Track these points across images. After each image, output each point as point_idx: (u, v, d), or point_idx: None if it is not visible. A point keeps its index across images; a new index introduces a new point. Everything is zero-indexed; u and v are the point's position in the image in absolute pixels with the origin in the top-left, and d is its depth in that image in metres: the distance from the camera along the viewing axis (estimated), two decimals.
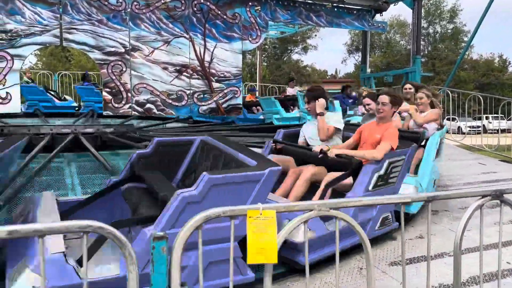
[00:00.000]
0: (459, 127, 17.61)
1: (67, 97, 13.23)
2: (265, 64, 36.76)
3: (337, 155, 3.78)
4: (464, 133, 10.91)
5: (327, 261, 3.35)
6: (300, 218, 1.30)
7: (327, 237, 3.19)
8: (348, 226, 1.39)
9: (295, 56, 40.22)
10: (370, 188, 3.55)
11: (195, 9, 9.16)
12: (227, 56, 9.50)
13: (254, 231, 1.19)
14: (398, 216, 3.73)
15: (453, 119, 13.61)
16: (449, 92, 10.62)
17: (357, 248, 3.69)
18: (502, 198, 1.66)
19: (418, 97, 5.40)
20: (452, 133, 13.15)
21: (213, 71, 9.43)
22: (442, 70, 35.23)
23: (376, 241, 3.93)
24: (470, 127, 15.49)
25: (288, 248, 3.04)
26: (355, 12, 10.98)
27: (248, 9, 9.67)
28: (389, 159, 3.67)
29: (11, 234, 0.99)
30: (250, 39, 9.73)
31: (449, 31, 39.95)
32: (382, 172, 3.65)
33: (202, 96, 9.38)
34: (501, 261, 1.84)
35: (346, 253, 3.61)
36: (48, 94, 12.15)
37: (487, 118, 18.03)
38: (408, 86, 6.32)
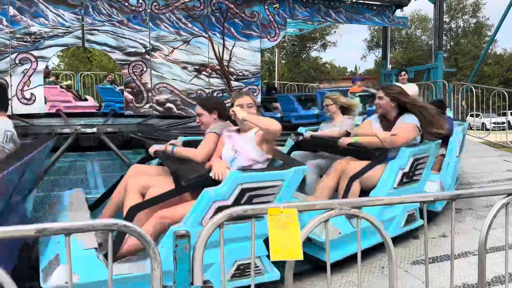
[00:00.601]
0: (483, 123, 17.24)
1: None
2: (284, 61, 36.65)
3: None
4: (488, 130, 10.64)
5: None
6: (321, 217, 1.30)
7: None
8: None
9: (313, 53, 39.99)
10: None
11: (214, 8, 9.21)
12: (245, 55, 9.53)
13: (276, 227, 1.20)
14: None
15: (477, 115, 13.33)
16: (473, 88, 10.39)
17: (381, 246, 3.66)
18: None
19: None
20: (476, 129, 12.88)
21: (232, 69, 9.47)
22: (465, 65, 34.49)
23: (398, 239, 3.88)
24: (494, 123, 15.15)
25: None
26: (375, 8, 10.84)
27: (266, 7, 9.66)
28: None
29: (40, 232, 1.03)
30: (268, 37, 9.73)
31: (471, 25, 39.05)
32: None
33: (221, 94, 9.42)
34: None
35: (369, 252, 3.58)
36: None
37: None
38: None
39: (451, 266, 1.72)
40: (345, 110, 4.59)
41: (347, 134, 4.12)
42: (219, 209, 2.35)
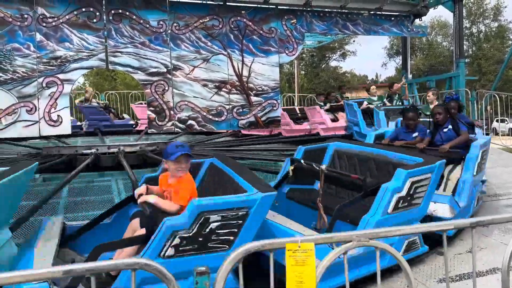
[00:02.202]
0: (510, 128, 16.80)
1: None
2: (303, 72, 36.69)
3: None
4: None
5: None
6: (339, 250, 1.32)
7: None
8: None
9: (333, 63, 39.92)
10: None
11: (232, 26, 9.37)
12: (264, 70, 9.63)
13: (293, 264, 1.23)
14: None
15: (504, 121, 13.02)
16: (497, 96, 10.19)
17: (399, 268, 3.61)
18: None
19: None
20: (503, 135, 12.57)
21: (251, 85, 9.57)
22: (489, 70, 33.79)
23: (423, 257, 3.82)
24: None
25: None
26: (393, 18, 10.80)
27: (284, 22, 9.77)
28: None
29: (67, 273, 1.09)
30: (286, 51, 9.82)
31: (493, 29, 38.31)
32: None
33: (241, 110, 9.52)
34: None
35: (391, 271, 3.53)
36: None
37: None
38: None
39: None
40: None
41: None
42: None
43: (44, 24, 8.13)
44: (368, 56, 61.66)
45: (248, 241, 2.51)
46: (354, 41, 36.38)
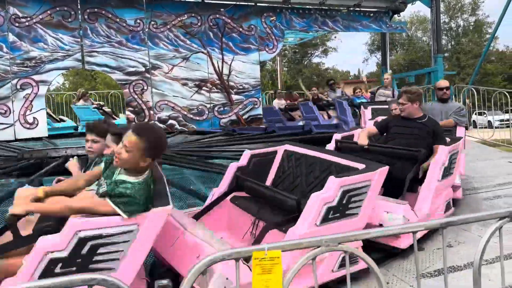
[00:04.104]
0: (489, 121, 17.09)
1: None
2: (286, 69, 36.73)
3: None
4: (496, 127, 10.50)
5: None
6: (308, 255, 1.29)
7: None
8: None
9: (315, 60, 40.06)
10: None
11: (211, 24, 9.29)
12: (245, 68, 9.58)
13: (259, 272, 1.19)
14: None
15: (482, 114, 13.23)
16: (474, 90, 10.35)
17: (382, 261, 3.64)
18: None
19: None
20: (483, 127, 12.76)
21: (232, 83, 9.52)
22: (468, 64, 34.36)
23: (403, 252, 3.84)
24: (500, 120, 15.02)
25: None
26: (371, 14, 10.86)
27: (263, 20, 9.73)
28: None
29: None
30: (267, 49, 9.79)
31: (471, 24, 38.95)
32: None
33: (222, 109, 9.46)
34: None
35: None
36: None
37: None
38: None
39: None
40: None
41: None
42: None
43: (17, 24, 7.93)
44: (350, 52, 62.00)
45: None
46: (335, 37, 36.57)
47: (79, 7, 8.33)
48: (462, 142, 4.60)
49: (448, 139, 4.60)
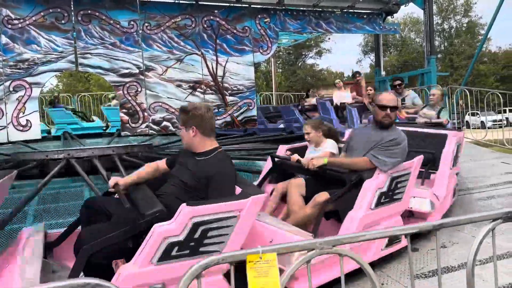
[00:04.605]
0: (482, 121, 17.20)
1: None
2: (280, 70, 36.79)
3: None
4: (489, 128, 10.57)
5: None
6: (303, 258, 1.29)
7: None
8: None
9: (309, 61, 40.15)
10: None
11: (205, 25, 9.28)
12: (239, 70, 9.58)
13: (255, 275, 1.19)
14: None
15: (476, 114, 13.31)
16: (467, 91, 10.41)
17: (378, 262, 3.64)
18: None
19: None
20: (476, 128, 12.85)
21: (226, 85, 9.51)
22: (461, 65, 34.60)
23: (397, 253, 3.85)
24: (493, 121, 15.12)
25: None
26: (365, 16, 10.91)
27: (257, 21, 9.74)
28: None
29: None
30: (261, 51, 9.80)
31: (464, 25, 39.22)
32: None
33: (216, 110, 9.45)
34: None
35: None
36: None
37: (510, 111, 17.57)
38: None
39: None
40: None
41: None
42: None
43: (10, 26, 7.88)
44: (344, 53, 62.24)
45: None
46: (329, 38, 36.70)
47: (72, 8, 8.30)
48: (417, 160, 3.70)
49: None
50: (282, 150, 4.32)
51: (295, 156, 3.85)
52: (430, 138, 4.83)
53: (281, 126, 10.62)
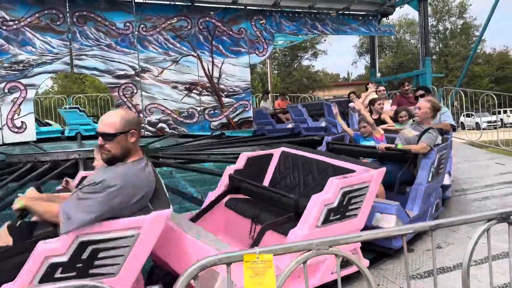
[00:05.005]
0: (476, 123, 17.29)
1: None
2: (276, 72, 36.82)
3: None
4: (484, 129, 10.62)
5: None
6: (300, 259, 1.30)
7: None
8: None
9: (305, 62, 40.21)
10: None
11: (201, 27, 9.29)
12: (235, 71, 9.59)
13: (251, 275, 1.20)
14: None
15: (470, 115, 13.38)
16: (462, 92, 10.47)
17: (374, 263, 3.65)
18: (509, 220, 1.63)
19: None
20: (471, 129, 12.91)
21: (222, 86, 9.52)
22: (455, 67, 34.74)
23: (394, 254, 3.86)
24: (488, 122, 15.21)
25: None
26: (360, 18, 10.95)
27: (253, 23, 9.76)
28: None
29: None
30: (257, 52, 9.81)
31: (459, 26, 39.42)
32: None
33: (212, 112, 9.45)
34: None
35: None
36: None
37: (505, 112, 17.68)
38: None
39: None
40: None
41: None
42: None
43: (5, 28, 7.85)
44: (339, 55, 62.43)
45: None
46: (325, 40, 36.76)
47: (67, 10, 8.27)
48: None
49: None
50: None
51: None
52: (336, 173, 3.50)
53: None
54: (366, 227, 3.32)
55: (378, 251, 3.78)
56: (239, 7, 9.64)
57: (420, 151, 4.27)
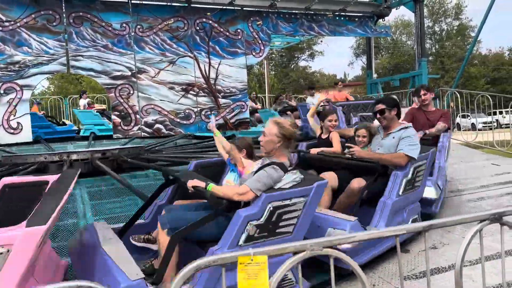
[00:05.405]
0: (472, 123, 17.36)
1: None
2: (273, 73, 36.86)
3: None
4: (480, 130, 10.67)
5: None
6: (293, 259, 1.31)
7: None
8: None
9: (302, 63, 40.31)
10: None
11: (198, 28, 9.29)
12: (232, 72, 9.60)
13: (245, 277, 1.20)
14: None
15: (466, 116, 13.42)
16: (457, 94, 10.51)
17: (369, 264, 3.67)
18: (501, 221, 1.64)
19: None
20: (466, 130, 12.93)
21: (219, 87, 9.52)
22: (452, 68, 34.92)
23: (388, 254, 3.87)
24: (484, 123, 15.25)
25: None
26: (356, 19, 10.99)
27: (250, 24, 9.77)
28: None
29: None
30: (253, 53, 9.82)
31: (455, 28, 39.61)
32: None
33: (209, 113, 9.45)
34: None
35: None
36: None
37: (500, 113, 17.76)
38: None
39: None
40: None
41: None
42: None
43: (1, 28, 7.83)
44: (336, 56, 62.50)
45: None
46: (321, 41, 36.87)
47: (64, 10, 8.26)
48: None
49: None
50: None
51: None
52: None
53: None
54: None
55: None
56: (235, 8, 9.65)
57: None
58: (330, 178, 3.90)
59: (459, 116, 11.99)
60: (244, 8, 9.77)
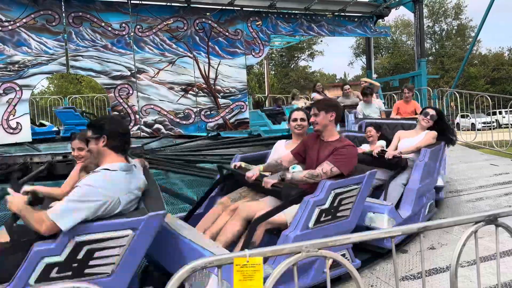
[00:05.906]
0: (472, 123, 17.38)
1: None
2: (273, 72, 36.87)
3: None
4: (479, 130, 10.67)
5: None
6: (289, 261, 1.32)
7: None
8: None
9: (302, 63, 40.32)
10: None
11: (197, 28, 9.30)
12: (231, 72, 9.60)
13: (240, 279, 1.21)
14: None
15: (466, 116, 13.43)
16: (457, 94, 10.53)
17: (368, 263, 3.69)
18: (497, 222, 1.65)
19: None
20: (466, 130, 12.96)
21: (219, 87, 9.53)
22: (451, 68, 34.93)
23: (388, 255, 3.89)
24: (483, 123, 15.27)
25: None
26: (356, 19, 10.99)
27: (249, 24, 9.78)
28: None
29: None
30: (253, 53, 9.82)
31: (455, 27, 39.61)
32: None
33: (209, 113, 9.46)
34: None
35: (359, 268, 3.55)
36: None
37: (500, 113, 17.77)
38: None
39: None
40: None
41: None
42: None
43: (0, 28, 7.83)
44: (336, 56, 62.54)
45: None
46: (321, 41, 36.88)
47: (63, 11, 8.26)
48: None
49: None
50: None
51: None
52: None
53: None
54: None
55: (372, 251, 3.83)
56: (235, 8, 9.65)
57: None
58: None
59: (459, 116, 12.01)
60: (243, 8, 9.77)
